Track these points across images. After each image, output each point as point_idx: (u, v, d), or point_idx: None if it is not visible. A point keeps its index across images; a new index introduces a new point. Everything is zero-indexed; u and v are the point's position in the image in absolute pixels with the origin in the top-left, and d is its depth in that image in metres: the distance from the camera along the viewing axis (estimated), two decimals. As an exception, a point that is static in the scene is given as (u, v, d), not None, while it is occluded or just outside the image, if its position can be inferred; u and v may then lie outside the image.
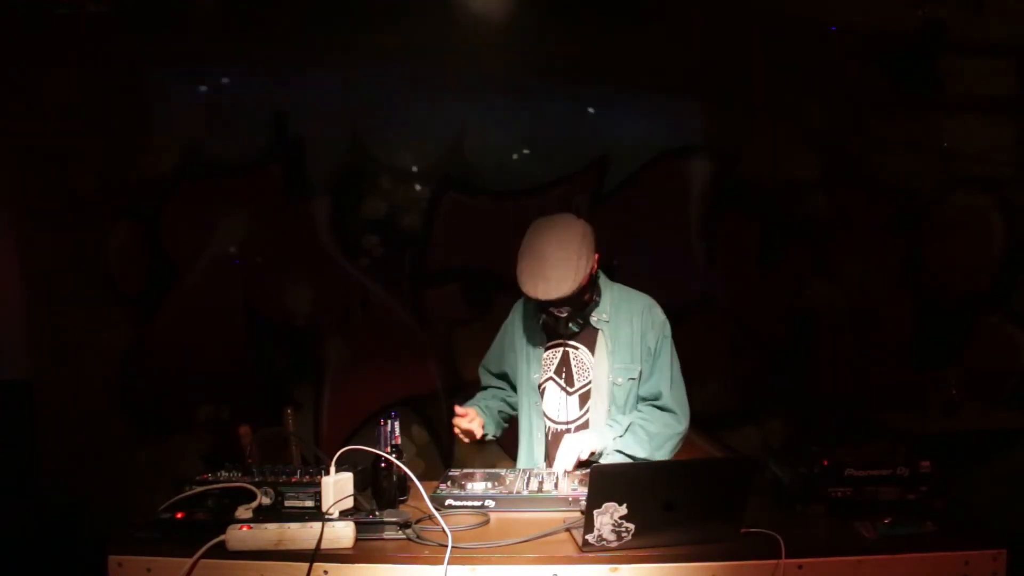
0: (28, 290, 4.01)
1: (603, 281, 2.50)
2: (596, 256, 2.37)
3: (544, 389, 2.51)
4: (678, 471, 1.89)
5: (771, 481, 2.18)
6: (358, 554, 1.84)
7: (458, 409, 2.45)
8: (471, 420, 2.44)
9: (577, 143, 4.02)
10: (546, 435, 2.52)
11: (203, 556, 1.83)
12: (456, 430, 2.44)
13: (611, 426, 2.42)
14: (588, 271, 2.31)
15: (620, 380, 2.45)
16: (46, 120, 3.90)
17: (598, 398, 2.44)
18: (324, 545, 1.82)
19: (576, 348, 2.47)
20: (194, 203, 4.04)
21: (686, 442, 3.97)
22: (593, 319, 2.45)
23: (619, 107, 4.02)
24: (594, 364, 2.45)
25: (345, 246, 4.05)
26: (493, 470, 2.36)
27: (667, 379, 2.48)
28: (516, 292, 3.37)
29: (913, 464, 2.00)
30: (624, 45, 3.86)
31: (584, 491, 1.89)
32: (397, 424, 2.18)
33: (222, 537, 1.85)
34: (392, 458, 2.09)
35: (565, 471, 2.28)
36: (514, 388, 2.62)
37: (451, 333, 4.08)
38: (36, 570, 3.57)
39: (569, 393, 2.48)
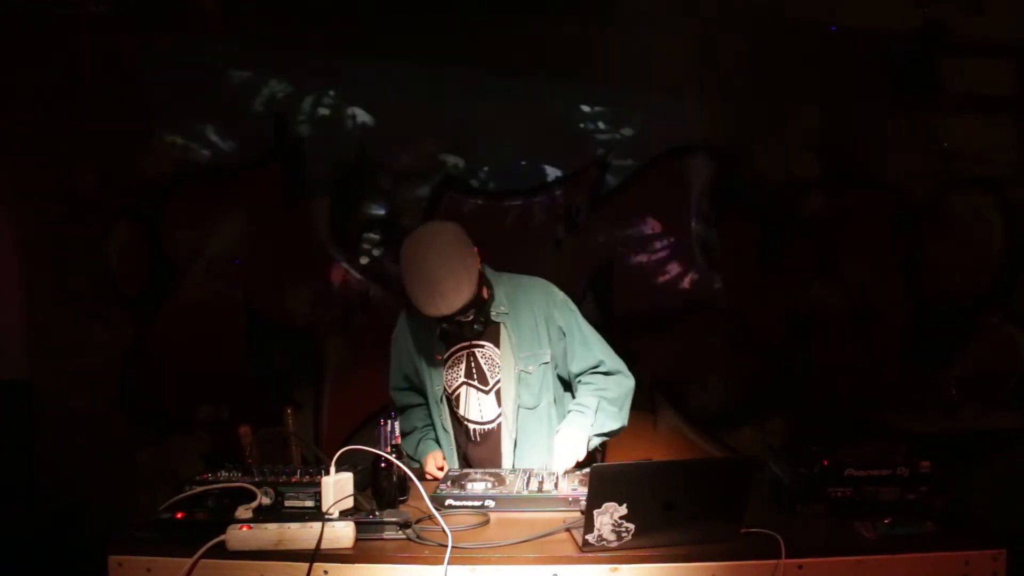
0: (28, 290, 4.01)
1: (490, 273, 2.49)
2: (476, 251, 2.34)
3: (459, 396, 2.50)
4: (678, 471, 1.89)
5: (771, 481, 2.18)
6: (358, 554, 1.84)
7: (435, 469, 2.44)
8: (440, 463, 2.46)
9: (577, 143, 4.02)
10: (471, 438, 2.51)
11: (203, 556, 1.83)
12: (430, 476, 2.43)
13: (582, 412, 2.42)
14: (476, 271, 2.29)
15: (531, 368, 2.45)
16: (46, 120, 3.90)
17: (507, 390, 2.44)
18: (324, 545, 1.82)
19: (481, 346, 2.47)
20: (194, 203, 4.04)
21: (686, 442, 4.00)
22: (492, 314, 2.44)
23: (619, 107, 4.01)
24: (502, 356, 2.45)
25: (345, 246, 4.05)
26: (493, 470, 2.36)
27: (597, 346, 2.50)
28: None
29: (913, 464, 2.00)
30: (624, 45, 3.85)
31: (584, 491, 1.89)
32: (397, 424, 2.18)
33: (222, 537, 1.84)
34: (392, 458, 2.09)
35: (565, 472, 2.29)
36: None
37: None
38: (36, 570, 3.57)
39: (485, 392, 2.47)
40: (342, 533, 1.85)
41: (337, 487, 1.98)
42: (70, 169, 3.96)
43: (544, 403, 2.49)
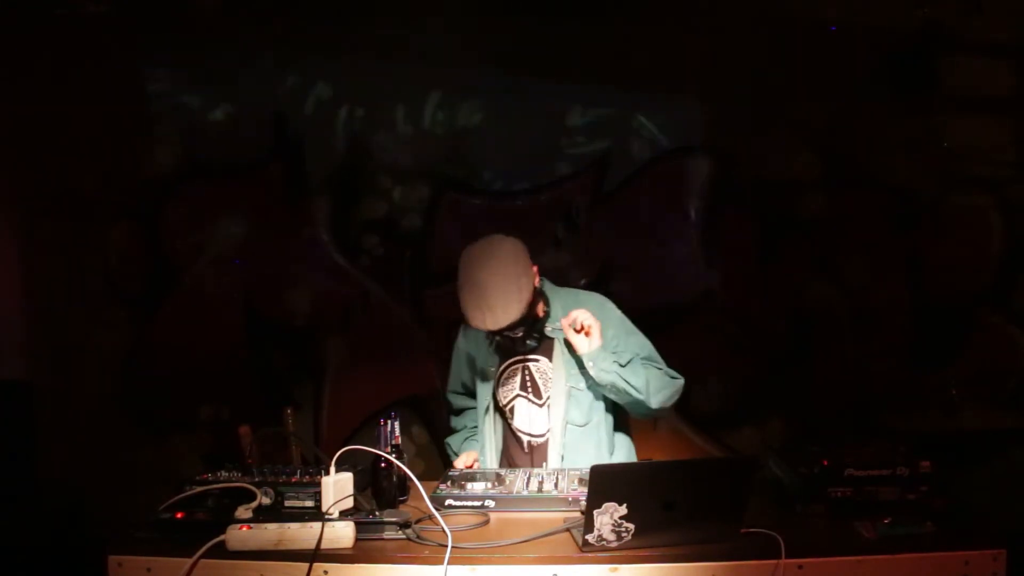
0: (28, 290, 4.01)
1: (549, 288, 2.49)
2: (535, 269, 2.34)
3: (513, 407, 2.50)
4: (678, 471, 1.89)
5: (771, 481, 2.18)
6: (358, 554, 1.84)
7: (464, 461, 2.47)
8: (470, 463, 2.48)
9: (577, 143, 4.02)
10: (525, 451, 2.51)
11: (203, 556, 1.83)
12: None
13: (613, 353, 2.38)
14: (530, 290, 2.28)
15: (581, 385, 2.44)
16: (46, 120, 3.90)
17: (556, 405, 2.43)
18: (324, 545, 1.82)
19: (536, 361, 2.47)
20: (194, 203, 4.04)
21: (686, 442, 3.99)
22: (547, 330, 2.44)
23: (619, 107, 4.01)
24: (554, 372, 2.45)
25: (345, 246, 4.05)
26: (493, 470, 2.36)
27: (638, 341, 2.49)
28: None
29: (913, 464, 2.00)
30: (624, 44, 3.85)
31: (584, 491, 1.89)
32: (397, 424, 2.18)
33: (222, 537, 1.85)
34: (392, 458, 2.09)
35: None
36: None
37: (451, 333, 4.08)
38: (36, 570, 3.57)
39: (539, 406, 2.47)
40: (342, 533, 1.85)
41: (337, 487, 1.99)
42: (70, 169, 3.96)
43: (594, 421, 2.47)
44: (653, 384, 2.38)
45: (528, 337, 2.39)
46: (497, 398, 2.52)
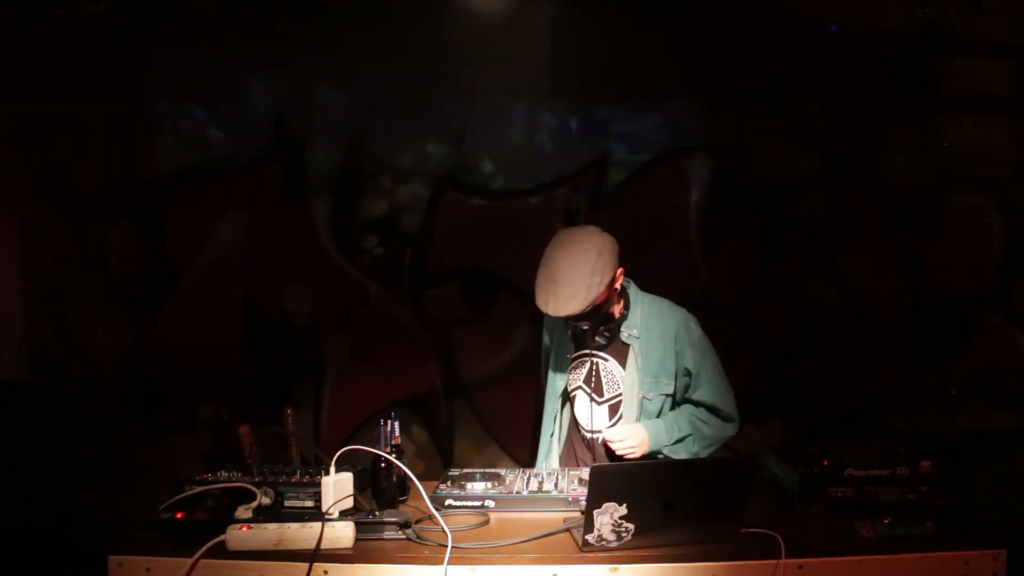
0: (28, 290, 4.01)
1: (634, 293, 2.50)
2: (621, 271, 2.34)
3: (575, 397, 2.54)
4: (678, 471, 1.89)
5: (771, 481, 2.18)
6: (358, 554, 1.84)
7: None
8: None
9: (577, 143, 4.02)
10: (583, 440, 2.54)
11: (203, 556, 1.83)
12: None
13: (669, 430, 2.43)
14: (603, 289, 2.27)
15: (651, 395, 2.45)
16: (46, 120, 3.90)
17: (628, 412, 2.46)
18: (324, 545, 1.82)
19: (605, 360, 2.49)
20: (194, 203, 4.04)
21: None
22: (623, 334, 2.45)
23: (619, 107, 4.01)
24: (625, 378, 2.46)
25: (345, 246, 4.05)
26: (493, 470, 2.36)
27: (721, 390, 2.50)
28: (513, 291, 3.40)
29: (913, 464, 2.00)
30: (624, 44, 3.85)
31: (584, 491, 1.89)
32: (397, 424, 2.18)
33: (222, 537, 1.85)
34: (392, 458, 2.09)
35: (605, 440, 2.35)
36: None
37: (451, 333, 4.09)
38: (36, 570, 3.57)
39: (598, 403, 2.48)
40: (342, 533, 1.85)
41: (337, 487, 1.99)
42: (70, 169, 3.96)
43: None
44: (702, 451, 2.48)
45: (597, 334, 2.39)
46: (558, 384, 2.55)
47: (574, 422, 2.57)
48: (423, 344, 4.04)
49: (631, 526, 1.79)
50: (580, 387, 2.52)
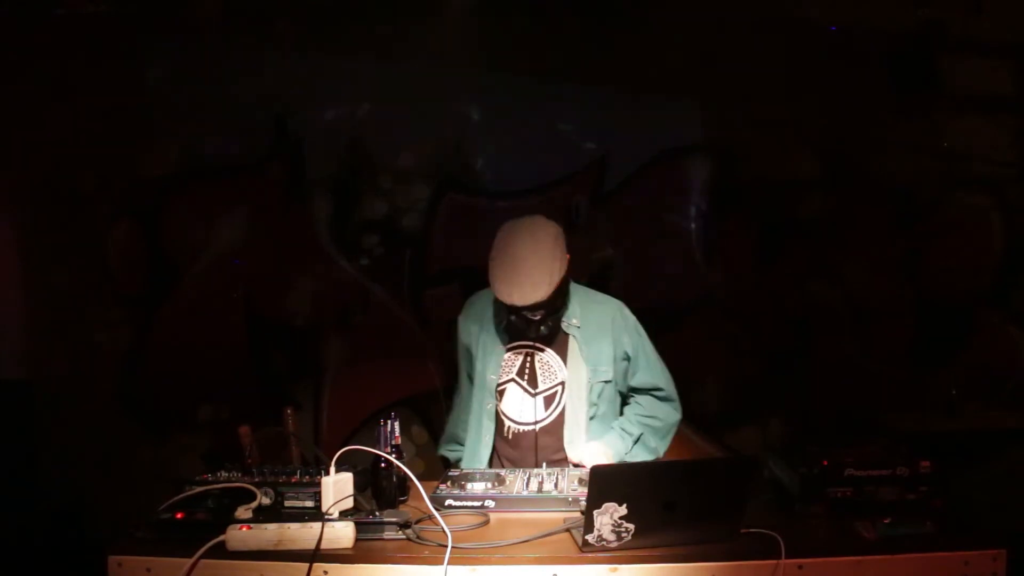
0: (28, 290, 4.01)
1: (571, 285, 2.49)
2: (567, 258, 2.35)
3: (504, 390, 2.50)
4: (678, 471, 1.89)
5: (771, 481, 2.18)
6: (358, 554, 1.84)
7: None
8: None
9: (577, 143, 4.02)
10: (504, 435, 2.51)
11: (203, 556, 1.83)
12: None
13: (622, 438, 2.44)
14: (561, 275, 2.29)
15: (597, 383, 2.46)
16: (46, 120, 3.90)
17: (577, 402, 2.44)
18: (324, 545, 1.82)
19: (542, 351, 2.47)
20: (194, 203, 4.04)
21: (686, 442, 3.99)
22: (564, 324, 2.45)
23: (619, 107, 4.01)
24: (567, 368, 2.45)
25: (345, 246, 4.05)
26: (493, 470, 2.36)
27: (659, 371, 2.53)
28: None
29: (913, 464, 2.00)
30: (624, 44, 3.85)
31: (584, 491, 1.89)
32: (397, 424, 2.17)
33: (222, 537, 1.85)
34: (392, 458, 2.09)
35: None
36: None
37: (451, 333, 4.08)
38: (36, 570, 3.57)
39: (532, 395, 2.47)
40: (342, 533, 1.85)
41: (337, 487, 1.98)
42: (70, 169, 3.96)
43: (599, 414, 2.50)
44: (660, 445, 2.52)
45: (544, 323, 2.38)
46: (489, 379, 2.51)
47: (498, 416, 2.52)
48: (423, 344, 4.04)
49: (631, 526, 1.79)
50: (512, 380, 2.49)
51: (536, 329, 2.38)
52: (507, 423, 2.51)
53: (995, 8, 3.81)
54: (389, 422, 2.16)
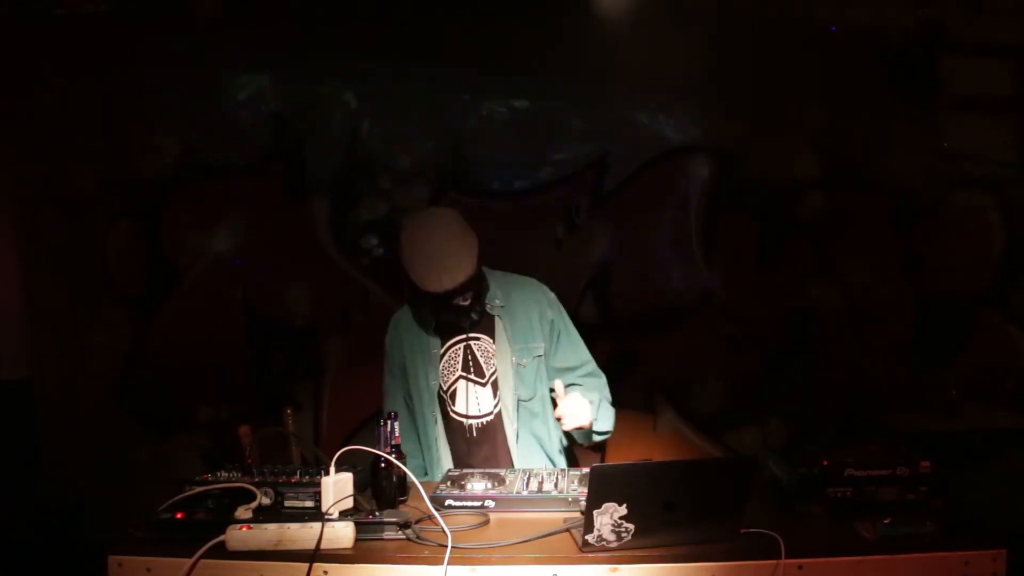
0: (28, 290, 4.01)
1: (484, 269, 2.51)
2: (474, 233, 2.38)
3: (455, 390, 2.49)
4: (678, 471, 1.89)
5: (771, 481, 2.18)
6: (358, 554, 1.84)
7: None
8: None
9: (577, 143, 4.02)
10: (469, 434, 2.49)
11: (203, 556, 1.83)
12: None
13: (586, 397, 2.40)
14: (477, 250, 2.33)
15: (525, 361, 2.47)
16: (46, 120, 3.89)
17: (504, 384, 2.46)
18: (324, 545, 1.82)
19: (477, 339, 2.48)
20: (194, 203, 4.04)
21: (686, 442, 4.00)
22: (488, 307, 2.47)
23: (619, 107, 4.01)
24: (496, 350, 2.46)
25: (345, 246, 4.05)
26: (493, 470, 2.36)
27: (582, 347, 2.57)
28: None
29: (913, 464, 2.00)
30: (624, 44, 3.85)
31: (584, 491, 1.89)
32: (397, 424, 2.18)
33: (222, 537, 1.84)
34: (392, 458, 2.09)
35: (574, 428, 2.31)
36: None
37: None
38: (36, 570, 3.57)
39: (482, 385, 2.48)
40: (342, 533, 1.85)
41: (337, 487, 1.98)
42: (70, 169, 3.96)
43: (538, 395, 2.52)
44: (611, 414, 2.51)
45: (472, 309, 2.40)
46: (432, 384, 2.50)
47: (452, 423, 2.50)
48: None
49: (631, 526, 1.79)
50: (460, 376, 2.48)
51: (467, 316, 2.40)
52: (468, 422, 2.50)
53: (995, 8, 3.80)
54: (389, 422, 2.16)
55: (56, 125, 3.89)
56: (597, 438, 2.49)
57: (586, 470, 1.84)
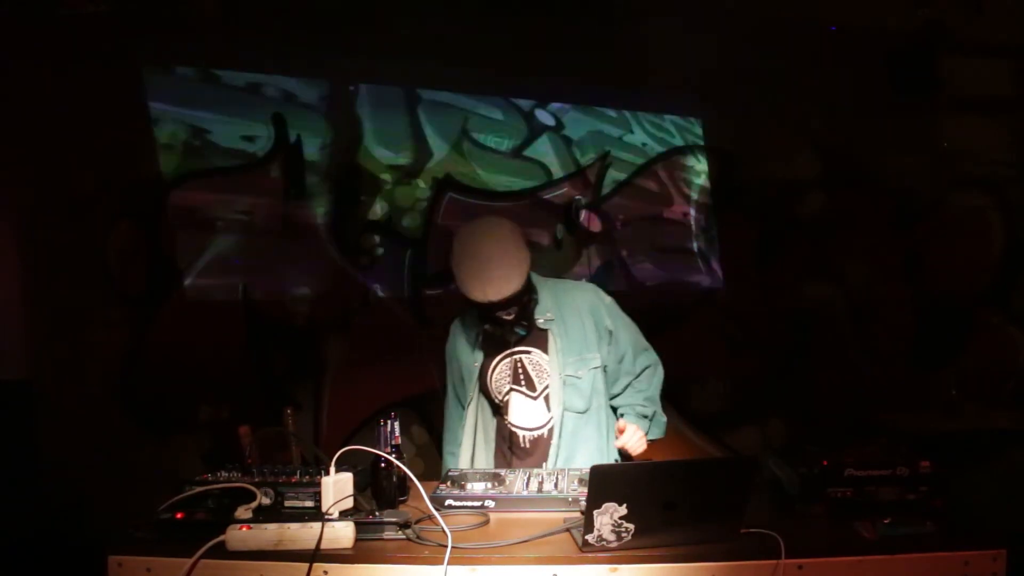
0: (28, 290, 4.01)
1: (536, 278, 2.48)
2: (529, 252, 2.34)
3: (507, 402, 2.47)
4: (678, 471, 1.89)
5: (771, 481, 2.18)
6: (358, 554, 1.84)
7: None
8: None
9: (577, 143, 4.02)
10: (520, 444, 2.47)
11: (203, 556, 1.83)
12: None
13: (644, 417, 2.47)
14: (527, 265, 2.29)
15: (580, 373, 2.43)
16: (46, 120, 3.89)
17: (555, 396, 2.42)
18: (324, 545, 1.82)
19: (528, 352, 2.44)
20: (194, 203, 4.04)
21: (686, 442, 4.00)
22: (539, 321, 2.42)
23: (619, 107, 4.02)
24: (548, 364, 2.43)
25: (345, 246, 4.05)
26: (493, 470, 2.36)
27: (637, 345, 2.54)
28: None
29: (913, 464, 2.00)
30: (625, 45, 3.85)
31: (584, 491, 1.89)
32: (397, 424, 2.17)
33: (222, 537, 1.84)
34: (392, 458, 2.09)
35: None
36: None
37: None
38: (36, 570, 3.57)
39: (534, 398, 2.45)
40: (342, 533, 1.85)
41: (337, 487, 1.98)
42: (70, 169, 3.96)
43: (595, 406, 2.47)
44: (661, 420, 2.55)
45: (518, 324, 2.37)
46: (491, 394, 2.49)
47: (507, 431, 2.49)
48: (423, 344, 4.04)
49: (631, 526, 1.79)
50: (512, 389, 2.46)
51: (511, 331, 2.37)
52: (521, 433, 2.48)
53: (995, 8, 3.81)
54: (389, 422, 2.16)
55: (56, 125, 3.89)
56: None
57: (586, 470, 1.84)
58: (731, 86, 3.87)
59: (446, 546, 1.79)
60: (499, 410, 2.50)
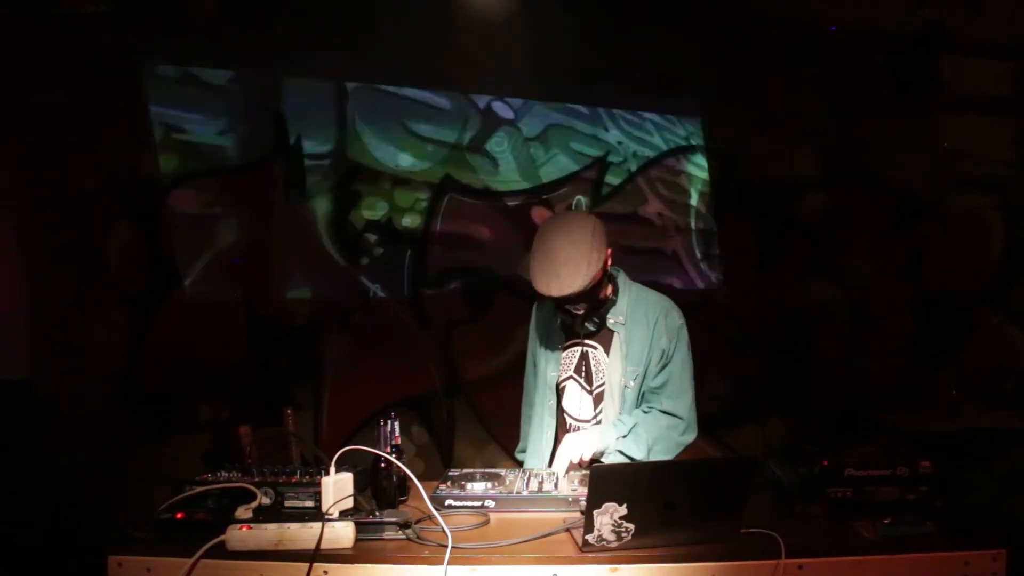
0: (28, 290, 4.00)
1: (622, 281, 2.49)
2: (609, 252, 2.34)
3: (564, 388, 2.51)
4: (678, 471, 1.89)
5: (771, 481, 2.18)
6: (358, 554, 1.84)
7: None
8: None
9: (578, 143, 4.02)
10: (568, 431, 2.50)
11: (203, 556, 1.83)
12: None
13: (616, 425, 2.42)
14: (600, 267, 2.29)
15: (631, 383, 2.44)
16: (46, 120, 3.89)
17: (609, 400, 2.44)
18: (324, 545, 1.82)
19: (594, 348, 2.47)
20: (194, 203, 4.04)
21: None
22: (610, 320, 2.44)
23: (619, 107, 4.01)
24: (608, 365, 2.45)
25: (345, 246, 4.05)
26: (493, 470, 2.36)
27: (677, 384, 2.47)
28: (513, 291, 3.37)
29: (913, 464, 2.00)
30: (625, 45, 3.85)
31: (584, 491, 1.89)
32: (397, 424, 2.17)
33: (222, 537, 1.84)
34: (392, 458, 2.09)
35: (565, 472, 2.29)
36: None
37: (451, 333, 4.09)
38: (36, 570, 3.57)
39: (589, 392, 2.48)
40: (342, 533, 1.85)
41: (337, 487, 1.98)
42: (70, 169, 3.96)
43: (635, 414, 2.47)
44: (656, 449, 2.41)
45: (588, 319, 2.39)
46: (550, 376, 2.53)
47: (560, 413, 2.55)
48: (423, 344, 4.04)
49: (631, 526, 1.79)
50: (571, 377, 2.50)
51: (581, 324, 2.39)
52: (569, 420, 2.51)
53: (995, 8, 3.80)
54: (389, 422, 2.16)
55: (56, 125, 3.88)
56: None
57: (586, 470, 1.84)
58: (731, 85, 3.87)
59: (446, 546, 1.79)
60: (557, 392, 2.53)
